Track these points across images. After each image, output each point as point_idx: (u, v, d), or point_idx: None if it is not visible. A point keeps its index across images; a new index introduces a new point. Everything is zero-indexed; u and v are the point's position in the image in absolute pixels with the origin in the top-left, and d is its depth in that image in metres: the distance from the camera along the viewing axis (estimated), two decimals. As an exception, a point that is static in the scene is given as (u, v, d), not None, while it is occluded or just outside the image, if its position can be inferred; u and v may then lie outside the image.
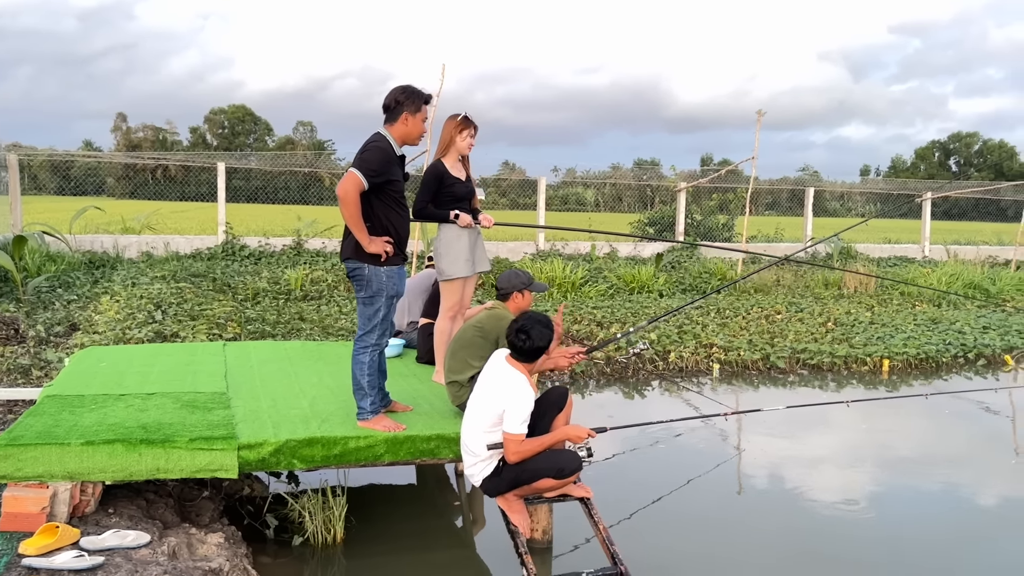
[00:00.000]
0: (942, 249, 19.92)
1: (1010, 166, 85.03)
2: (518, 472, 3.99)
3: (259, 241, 15.28)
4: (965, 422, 7.22)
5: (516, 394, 3.99)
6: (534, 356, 4.08)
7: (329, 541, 4.44)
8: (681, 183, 19.67)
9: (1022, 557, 4.64)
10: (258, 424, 4.38)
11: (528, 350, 4.05)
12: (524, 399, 3.98)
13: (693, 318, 10.87)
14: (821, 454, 6.49)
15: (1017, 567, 4.51)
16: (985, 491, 5.75)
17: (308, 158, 23.10)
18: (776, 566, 4.48)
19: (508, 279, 4.91)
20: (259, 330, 8.98)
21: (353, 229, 4.26)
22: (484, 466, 4.07)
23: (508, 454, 3.96)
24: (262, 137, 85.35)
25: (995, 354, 9.83)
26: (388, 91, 4.44)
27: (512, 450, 3.95)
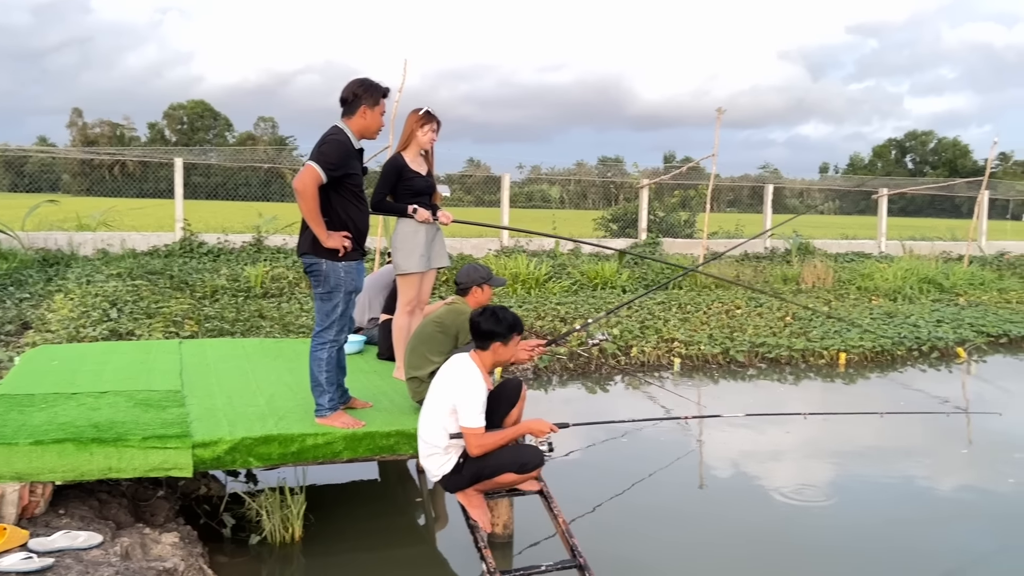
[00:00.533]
0: (898, 245, 20.32)
1: (963, 163, 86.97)
2: (480, 468, 3.98)
3: (218, 238, 15.08)
4: (920, 415, 7.36)
5: (467, 386, 3.98)
6: (484, 339, 4.07)
7: (287, 539, 4.39)
8: (644, 180, 19.81)
9: (972, 541, 4.74)
10: (213, 422, 4.32)
11: (480, 331, 4.07)
12: (475, 390, 3.96)
13: (655, 313, 10.95)
14: (780, 447, 6.57)
15: (967, 550, 4.61)
16: (938, 480, 5.87)
17: (269, 154, 22.86)
18: (736, 556, 4.53)
19: (467, 274, 4.90)
20: (217, 328, 8.85)
21: (311, 223, 4.21)
22: (442, 460, 4.05)
23: (470, 448, 3.95)
24: (222, 133, 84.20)
25: (948, 347, 10.04)
26: (347, 85, 4.40)
27: (474, 443, 3.94)
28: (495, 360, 4.13)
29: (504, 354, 4.11)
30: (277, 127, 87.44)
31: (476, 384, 3.99)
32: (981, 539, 4.82)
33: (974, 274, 15.86)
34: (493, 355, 4.10)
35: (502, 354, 4.11)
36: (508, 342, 4.10)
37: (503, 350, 4.09)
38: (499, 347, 4.08)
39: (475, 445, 3.94)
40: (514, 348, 4.13)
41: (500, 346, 4.08)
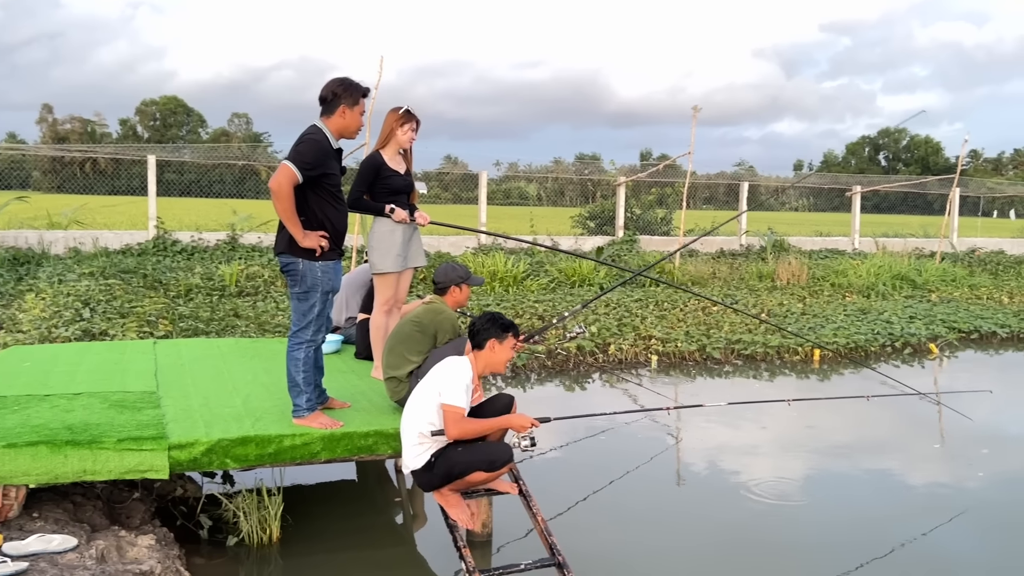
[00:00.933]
0: (871, 242, 20.55)
1: (936, 161, 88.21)
2: (450, 466, 3.97)
3: (192, 236, 14.94)
4: (894, 411, 7.46)
5: (454, 369, 4.04)
6: (480, 336, 4.12)
7: (265, 541, 4.37)
8: (621, 177, 19.89)
9: (943, 536, 4.82)
10: (189, 423, 4.28)
11: (476, 330, 4.13)
12: (460, 373, 4.01)
13: (632, 311, 11.01)
14: (757, 442, 6.63)
15: (937, 545, 4.68)
16: (911, 476, 5.96)
17: (244, 151, 22.65)
18: (713, 552, 4.57)
19: (445, 273, 4.89)
20: (192, 327, 8.77)
21: (287, 223, 4.18)
22: (417, 452, 4.04)
23: (448, 427, 3.94)
24: (195, 129, 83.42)
25: (920, 342, 10.19)
26: (325, 83, 4.37)
27: (452, 422, 3.93)
28: (490, 358, 4.13)
29: (500, 354, 4.13)
30: (251, 123, 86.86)
31: (462, 368, 4.05)
32: (952, 533, 4.90)
33: (946, 270, 16.10)
34: (490, 352, 4.12)
35: (498, 353, 4.12)
36: (503, 340, 4.12)
37: (499, 348, 4.11)
38: (495, 343, 4.10)
39: (453, 424, 3.93)
40: (509, 350, 4.15)
41: (495, 343, 4.10)
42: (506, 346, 4.14)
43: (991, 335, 11.01)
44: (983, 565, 4.49)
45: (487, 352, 4.12)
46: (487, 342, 4.11)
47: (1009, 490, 5.62)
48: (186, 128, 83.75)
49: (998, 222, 37.85)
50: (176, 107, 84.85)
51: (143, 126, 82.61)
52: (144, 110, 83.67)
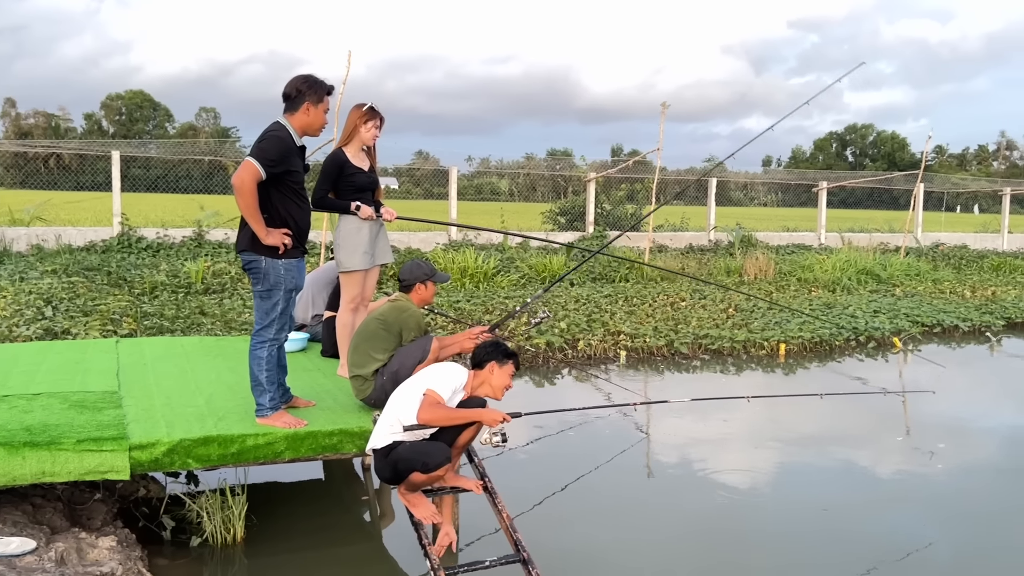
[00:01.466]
0: (837, 237, 20.82)
1: (901, 156, 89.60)
2: (396, 459, 3.97)
3: (157, 232, 14.76)
4: (858, 403, 7.58)
5: (451, 369, 4.14)
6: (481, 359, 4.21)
7: (229, 541, 4.34)
8: (591, 173, 19.96)
9: (904, 525, 4.91)
10: (151, 423, 4.23)
11: (478, 356, 4.22)
12: (455, 373, 4.11)
13: (602, 307, 11.06)
14: (723, 435, 6.71)
15: (900, 533, 4.77)
16: (876, 466, 6.06)
17: (211, 146, 22.34)
18: (679, 544, 4.63)
19: (410, 270, 4.88)
20: (157, 325, 8.67)
21: (249, 220, 4.15)
22: (383, 433, 4.03)
23: (422, 408, 3.95)
24: (162, 124, 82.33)
25: (884, 336, 10.35)
26: (289, 79, 4.34)
27: (427, 404, 3.94)
28: (488, 379, 4.18)
29: (498, 377, 4.17)
30: (219, 118, 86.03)
31: (458, 372, 4.14)
32: (913, 522, 4.99)
33: (910, 265, 16.37)
34: (489, 373, 4.17)
35: (497, 375, 4.17)
36: (504, 365, 4.18)
37: (499, 371, 4.16)
38: (495, 366, 4.16)
39: (428, 406, 3.95)
40: (508, 376, 4.20)
41: (496, 365, 4.16)
42: (505, 372, 4.19)
43: (953, 329, 11.22)
44: (943, 553, 4.59)
45: (486, 373, 4.18)
46: (488, 364, 4.18)
47: (965, 479, 5.74)
48: (152, 123, 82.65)
49: (962, 217, 38.51)
50: (142, 101, 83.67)
51: (108, 121, 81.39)
52: (109, 105, 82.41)
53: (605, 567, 4.37)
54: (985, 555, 4.58)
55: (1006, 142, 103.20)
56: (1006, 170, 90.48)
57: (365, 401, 4.68)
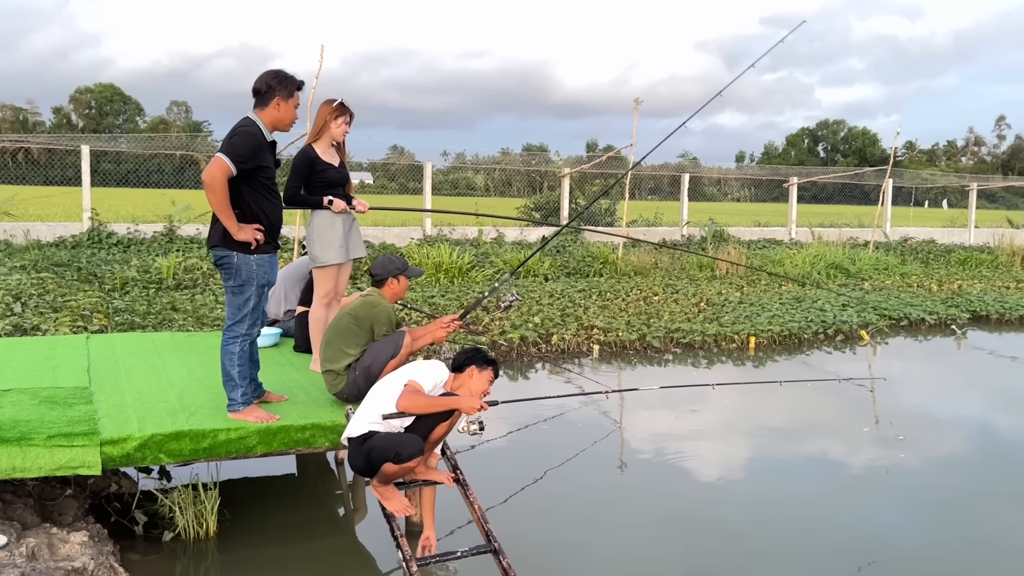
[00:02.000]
0: (808, 231, 21.08)
1: (872, 152, 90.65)
2: (370, 448, 3.99)
3: (128, 228, 14.62)
4: (826, 395, 7.73)
5: (434, 367, 4.17)
6: (457, 363, 4.24)
7: (201, 535, 4.35)
8: (566, 168, 20.03)
9: (870, 512, 5.03)
10: (122, 419, 4.23)
11: (459, 361, 4.23)
12: (437, 370, 4.15)
13: (575, 301, 11.14)
14: (694, 426, 6.80)
15: (865, 521, 4.89)
16: (843, 455, 6.18)
17: (183, 140, 22.14)
18: (650, 534, 4.70)
19: (383, 265, 4.90)
20: (127, 321, 8.61)
21: (221, 216, 4.15)
22: (359, 423, 4.05)
23: (402, 396, 3.97)
24: (132, 118, 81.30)
25: (852, 330, 10.53)
26: (259, 75, 4.34)
27: (407, 392, 3.97)
28: (466, 383, 4.18)
29: (477, 382, 4.17)
30: (191, 112, 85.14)
31: (440, 370, 4.17)
32: (878, 509, 5.12)
33: (879, 259, 16.62)
34: (468, 377, 4.19)
35: (476, 380, 4.17)
36: (483, 370, 4.19)
37: (478, 375, 4.17)
38: (474, 371, 4.18)
39: (408, 394, 3.98)
40: (487, 382, 4.20)
41: (475, 370, 4.18)
42: (484, 377, 4.20)
43: (920, 322, 11.42)
44: (909, 538, 4.71)
45: (466, 377, 4.19)
46: (468, 368, 4.19)
47: (929, 469, 5.88)
48: (123, 117, 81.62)
49: (930, 212, 39.10)
50: (112, 95, 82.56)
51: (78, 115, 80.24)
52: (79, 98, 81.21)
53: (576, 557, 4.44)
54: (949, 542, 4.71)
55: (974, 138, 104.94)
56: (974, 166, 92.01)
57: (338, 396, 4.70)
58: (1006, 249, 18.88)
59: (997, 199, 52.60)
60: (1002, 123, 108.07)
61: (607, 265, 14.56)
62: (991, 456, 6.28)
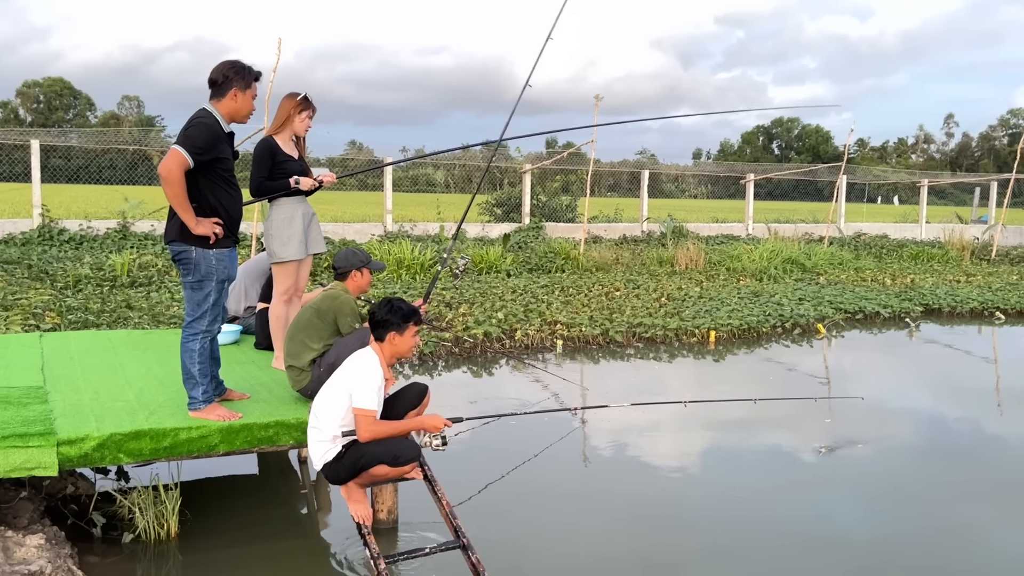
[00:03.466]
0: (764, 227, 21.40)
1: (825, 149, 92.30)
2: (357, 458, 3.96)
3: (80, 224, 14.28)
4: (787, 388, 7.85)
5: (362, 370, 3.99)
6: (380, 328, 4.07)
7: (162, 536, 4.26)
8: (527, 165, 20.04)
9: (829, 506, 5.12)
10: (79, 418, 4.12)
11: (376, 321, 4.07)
12: (369, 374, 3.97)
13: (539, 297, 11.16)
14: (656, 422, 6.85)
15: (820, 512, 4.98)
16: (801, 448, 6.28)
17: (135, 135, 21.66)
18: (615, 529, 4.72)
19: (346, 258, 4.84)
20: (81, 320, 8.41)
21: (178, 210, 4.07)
22: (327, 448, 4.02)
23: (360, 431, 3.92)
24: (83, 112, 79.47)
25: (809, 323, 10.71)
26: (215, 65, 4.26)
27: (364, 427, 3.91)
28: (393, 351, 4.11)
29: (402, 344, 4.11)
30: (143, 106, 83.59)
31: (371, 369, 4.00)
32: (832, 500, 5.21)
33: (833, 254, 16.93)
34: (391, 346, 4.09)
35: (399, 344, 4.10)
36: (404, 331, 4.08)
37: (400, 340, 4.08)
38: (395, 336, 4.07)
39: (365, 428, 3.92)
40: (411, 338, 4.13)
41: (396, 335, 4.06)
42: (408, 335, 4.11)
43: (874, 315, 11.66)
44: (865, 532, 4.80)
45: (388, 344, 4.10)
46: (387, 335, 4.08)
47: (885, 461, 6.01)
48: (73, 111, 79.76)
49: (882, 208, 39.98)
50: (62, 89, 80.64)
51: (25, 109, 78.19)
52: (26, 92, 79.14)
53: (544, 552, 4.45)
54: (901, 531, 4.81)
55: (924, 136, 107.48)
56: (924, 162, 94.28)
57: (302, 392, 4.65)
58: (956, 244, 19.36)
59: (946, 195, 53.95)
60: (950, 121, 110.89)
61: (569, 261, 14.61)
62: (942, 445, 6.44)
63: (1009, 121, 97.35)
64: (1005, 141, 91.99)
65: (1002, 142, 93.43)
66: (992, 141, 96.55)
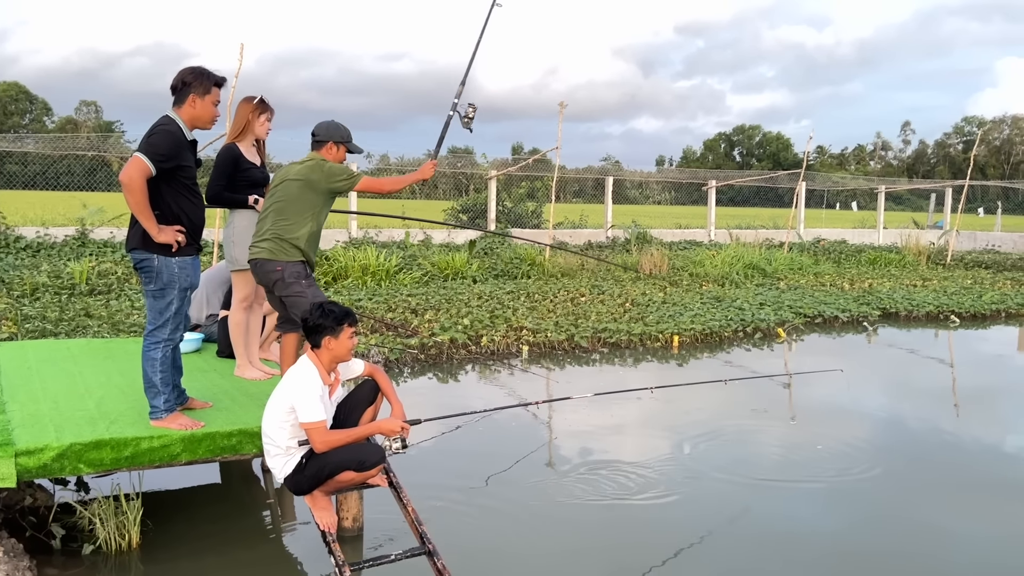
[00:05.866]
0: (726, 233, 21.68)
1: (786, 156, 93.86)
2: (320, 467, 3.94)
3: (37, 231, 14.02)
4: (747, 391, 7.96)
5: (300, 382, 3.93)
6: (314, 334, 4.01)
7: (124, 547, 4.21)
8: (492, 171, 20.09)
9: (793, 507, 5.22)
10: (38, 428, 4.06)
11: (309, 328, 4.01)
12: (307, 386, 3.91)
13: (504, 303, 11.19)
14: (622, 425, 6.92)
15: (787, 516, 5.07)
16: (764, 451, 6.38)
17: (93, 141, 21.31)
18: (580, 533, 4.76)
19: (327, 128, 4.65)
20: (39, 329, 8.25)
21: (140, 217, 4.04)
22: (285, 460, 4.01)
23: (314, 444, 3.91)
24: (39, 118, 77.99)
25: (769, 327, 10.88)
26: (178, 73, 4.24)
27: (318, 440, 3.89)
28: (331, 356, 4.05)
29: (339, 348, 4.04)
30: (101, 112, 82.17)
31: (308, 379, 3.94)
32: (801, 504, 5.31)
33: (793, 259, 17.22)
34: (328, 351, 4.03)
35: (336, 348, 4.04)
36: (339, 335, 4.02)
37: (336, 344, 4.02)
38: (330, 340, 4.00)
39: (319, 441, 3.89)
40: (347, 341, 4.07)
41: (331, 339, 4.00)
42: (343, 337, 4.03)
43: (833, 319, 11.88)
44: (829, 533, 4.90)
45: (324, 350, 4.03)
46: (322, 340, 4.01)
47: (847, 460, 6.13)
48: (30, 116, 78.20)
49: (841, 213, 40.69)
50: (18, 94, 79.08)
51: (-21, 114, 76.41)
52: (-20, 96, 77.36)
53: (510, 557, 4.47)
54: (862, 528, 4.91)
55: (881, 143, 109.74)
56: (882, 169, 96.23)
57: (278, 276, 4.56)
58: (912, 249, 19.79)
59: (903, 201, 55.16)
60: (907, 128, 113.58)
61: (535, 267, 14.67)
62: (900, 444, 6.59)
63: (963, 129, 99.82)
64: (960, 148, 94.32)
65: (956, 149, 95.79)
66: (947, 148, 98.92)
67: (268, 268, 4.55)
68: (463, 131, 5.20)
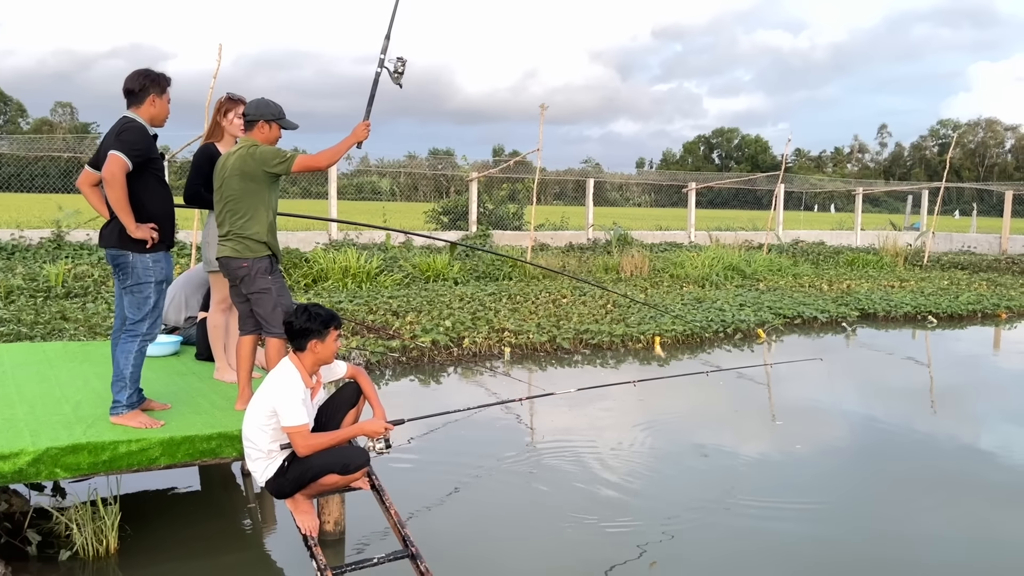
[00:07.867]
0: (706, 235, 21.80)
1: (764, 159, 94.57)
2: (303, 470, 3.90)
3: (12, 234, 13.83)
4: (730, 391, 7.99)
5: (282, 386, 3.90)
6: (300, 337, 3.98)
7: (101, 553, 4.15)
8: (473, 173, 20.08)
9: (768, 502, 5.24)
10: (13, 432, 3.99)
11: (295, 331, 3.98)
12: (289, 389, 3.88)
13: (486, 304, 11.17)
14: (600, 426, 6.91)
15: (762, 510, 5.09)
16: (745, 450, 6.40)
17: (69, 142, 21.05)
18: (560, 533, 4.75)
19: (256, 106, 4.51)
20: (14, 332, 8.13)
21: (120, 213, 4.16)
22: (266, 464, 3.97)
23: (297, 448, 3.87)
24: (14, 119, 77.07)
25: (749, 328, 10.94)
26: (128, 76, 4.35)
27: (300, 444, 3.86)
28: (316, 359, 4.02)
29: (324, 351, 4.02)
30: (77, 113, 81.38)
31: (290, 383, 3.91)
32: (774, 497, 5.33)
33: (772, 261, 17.33)
34: (312, 354, 4.00)
35: (322, 352, 4.01)
36: (325, 338, 3.99)
37: (322, 347, 3.99)
38: (316, 344, 3.98)
39: (302, 445, 3.86)
40: (333, 344, 4.05)
41: (317, 343, 3.98)
42: (329, 341, 4.00)
43: (812, 320, 11.96)
44: (800, 523, 4.92)
45: (310, 353, 4.00)
46: (308, 343, 3.98)
47: (823, 460, 6.17)
48: (3, 118, 77.24)
49: (819, 215, 41.06)
50: (-9, 94, 78.01)
51: (-48, 115, 75.40)
52: (-48, 97, 76.33)
53: (493, 559, 4.45)
54: (838, 525, 4.94)
55: (859, 145, 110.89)
56: (859, 171, 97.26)
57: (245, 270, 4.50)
58: (890, 250, 19.99)
59: (880, 203, 55.75)
60: (884, 131, 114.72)
61: (516, 269, 14.66)
62: (877, 443, 6.64)
63: (939, 131, 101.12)
64: (935, 151, 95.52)
65: (932, 152, 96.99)
66: (923, 151, 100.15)
67: (234, 265, 4.52)
68: (394, 87, 5.04)
